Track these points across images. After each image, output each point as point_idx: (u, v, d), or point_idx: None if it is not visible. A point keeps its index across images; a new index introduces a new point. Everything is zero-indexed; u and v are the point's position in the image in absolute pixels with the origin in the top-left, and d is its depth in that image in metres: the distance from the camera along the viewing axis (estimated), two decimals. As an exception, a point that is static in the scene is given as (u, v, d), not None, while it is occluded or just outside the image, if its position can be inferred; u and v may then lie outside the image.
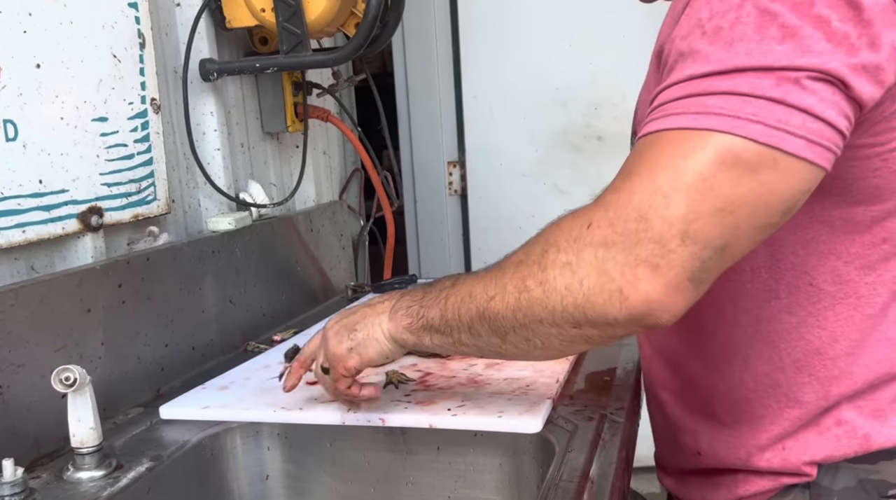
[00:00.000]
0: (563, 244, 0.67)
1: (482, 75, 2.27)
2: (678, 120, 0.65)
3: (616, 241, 0.64)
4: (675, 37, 0.68)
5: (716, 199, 0.63)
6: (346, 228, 1.87)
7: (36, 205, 1.02)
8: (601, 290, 0.65)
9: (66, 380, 0.84)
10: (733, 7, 0.64)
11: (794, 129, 0.62)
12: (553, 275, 0.67)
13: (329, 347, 0.88)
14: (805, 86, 0.62)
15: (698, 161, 0.63)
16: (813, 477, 0.80)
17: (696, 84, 0.65)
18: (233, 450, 1.01)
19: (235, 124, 1.51)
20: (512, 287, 0.70)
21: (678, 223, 0.63)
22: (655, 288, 0.63)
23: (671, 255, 0.63)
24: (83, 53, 1.10)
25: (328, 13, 1.35)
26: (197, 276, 1.26)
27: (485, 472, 0.96)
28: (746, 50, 0.63)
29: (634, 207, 0.64)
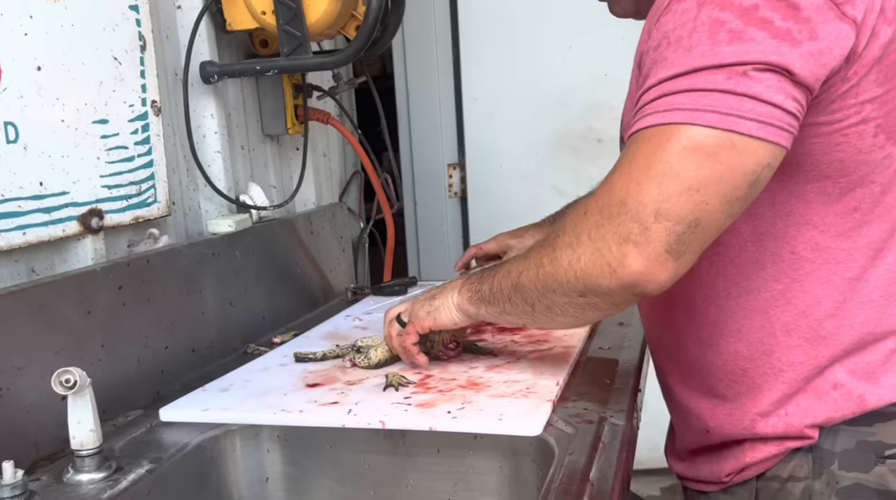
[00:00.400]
0: (567, 228, 0.83)
1: (482, 78, 2.28)
2: (650, 119, 0.77)
3: (604, 223, 0.79)
4: (648, 48, 0.81)
5: (683, 180, 0.75)
6: (346, 230, 1.88)
7: (36, 207, 1.02)
8: (594, 264, 0.80)
9: (66, 382, 0.84)
10: (690, 19, 0.76)
11: (745, 113, 0.73)
12: (559, 253, 0.84)
13: (413, 308, 1.08)
14: (752, 76, 0.73)
15: (665, 151, 0.75)
16: (815, 440, 0.87)
17: (664, 86, 0.77)
18: (233, 452, 1.01)
19: (236, 127, 1.51)
20: (533, 264, 0.88)
21: (651, 204, 0.76)
22: (638, 261, 0.77)
23: (648, 232, 0.76)
24: (84, 56, 1.11)
25: (329, 16, 1.35)
26: (197, 278, 1.26)
27: (484, 474, 0.96)
28: (701, 53, 0.75)
29: (616, 194, 0.78)
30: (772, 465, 0.89)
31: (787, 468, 0.88)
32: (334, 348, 1.24)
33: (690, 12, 0.76)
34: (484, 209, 2.33)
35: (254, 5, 1.36)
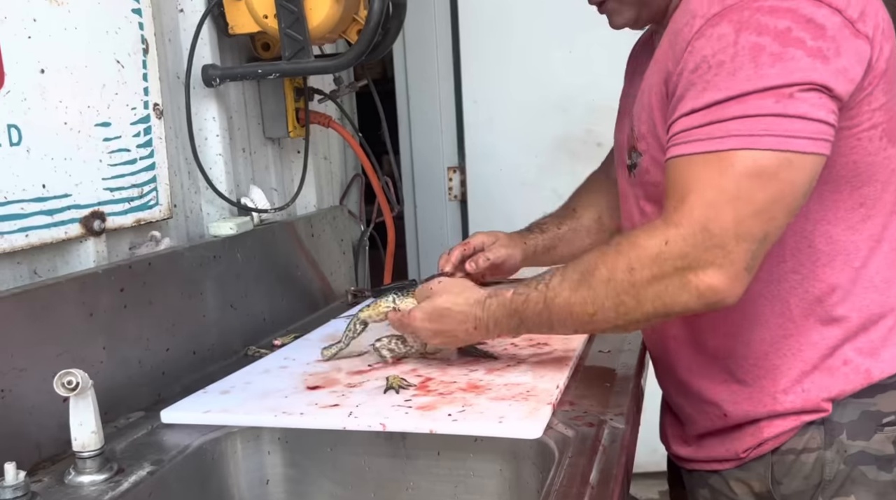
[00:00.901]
0: (647, 261, 0.86)
1: (482, 82, 2.28)
2: (706, 145, 0.83)
3: (689, 252, 0.84)
4: (683, 69, 0.86)
5: (753, 203, 0.82)
6: (346, 233, 1.88)
7: (39, 209, 1.03)
8: (682, 290, 0.85)
9: (68, 384, 0.84)
10: (730, 44, 0.82)
11: (797, 132, 0.81)
12: (643, 289, 0.87)
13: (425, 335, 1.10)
14: (798, 97, 0.81)
15: (732, 176, 0.82)
16: (829, 412, 0.94)
17: (713, 112, 0.83)
18: (233, 454, 1.02)
19: (237, 129, 1.52)
20: (610, 304, 0.90)
21: (731, 228, 0.82)
22: (723, 282, 0.84)
23: (731, 254, 0.83)
24: (87, 59, 1.11)
25: (330, 20, 1.36)
26: (198, 280, 1.27)
27: (485, 477, 0.96)
28: (746, 76, 0.81)
29: (697, 221, 0.83)
30: (787, 439, 0.96)
31: (802, 441, 0.95)
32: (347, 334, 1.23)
33: (728, 38, 0.82)
34: (484, 212, 2.33)
35: (256, 9, 1.36)
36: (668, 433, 1.13)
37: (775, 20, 0.81)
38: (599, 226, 1.28)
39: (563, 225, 1.28)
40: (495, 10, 2.25)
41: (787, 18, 0.81)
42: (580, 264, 0.93)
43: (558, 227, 1.27)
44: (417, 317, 1.07)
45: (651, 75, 0.95)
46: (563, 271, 0.96)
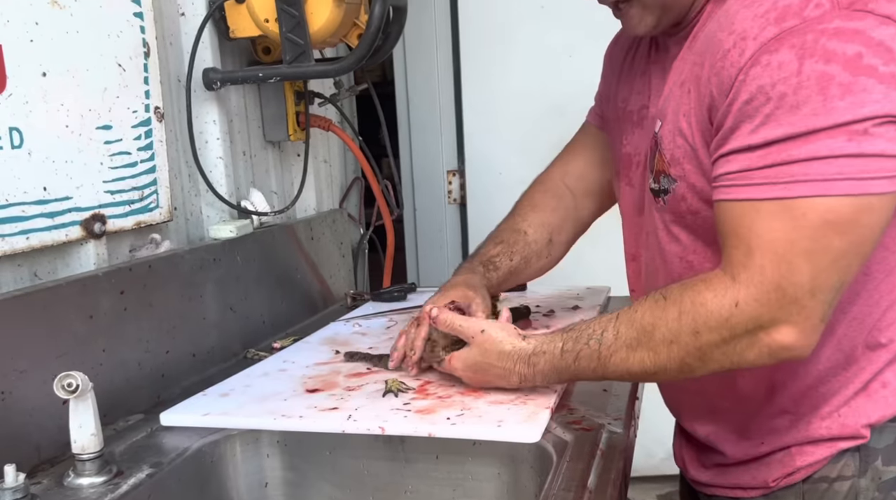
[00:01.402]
0: (714, 325, 0.80)
1: (482, 85, 2.29)
2: (770, 190, 0.76)
3: (763, 313, 0.78)
4: (735, 100, 0.77)
5: (830, 253, 0.76)
6: (346, 236, 1.88)
7: (40, 212, 1.03)
8: (752, 350, 0.80)
9: (68, 386, 0.84)
10: (793, 73, 0.74)
11: (875, 173, 0.74)
12: (710, 351, 0.82)
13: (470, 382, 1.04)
14: (872, 133, 0.73)
15: (806, 228, 0.75)
16: (867, 439, 0.89)
17: (776, 152, 0.75)
18: (233, 457, 1.02)
19: (238, 133, 1.52)
20: (674, 366, 0.85)
21: (806, 283, 0.76)
22: (797, 338, 0.78)
23: (807, 310, 0.77)
24: (88, 62, 1.12)
25: (331, 24, 1.36)
26: (198, 283, 1.27)
27: (483, 481, 0.96)
28: (813, 111, 0.73)
29: (770, 280, 0.77)
30: (820, 467, 0.91)
31: (836, 469, 0.90)
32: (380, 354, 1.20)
33: (790, 66, 0.73)
34: (483, 216, 2.33)
35: (257, 13, 1.37)
36: (684, 457, 1.08)
37: (843, 45, 0.72)
38: (550, 248, 1.23)
39: (515, 256, 1.21)
40: (495, 14, 2.26)
41: (856, 42, 0.72)
42: (635, 320, 0.86)
43: (510, 259, 1.20)
44: (458, 367, 1.02)
45: (681, 95, 0.87)
46: (615, 323, 0.88)
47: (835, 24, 0.73)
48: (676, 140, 0.87)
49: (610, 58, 1.16)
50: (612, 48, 1.16)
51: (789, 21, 0.74)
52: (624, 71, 1.09)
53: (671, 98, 0.90)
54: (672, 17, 0.92)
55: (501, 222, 1.27)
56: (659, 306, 0.84)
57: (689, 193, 0.88)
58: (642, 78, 1.03)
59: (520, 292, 1.58)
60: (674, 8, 0.91)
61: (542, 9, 2.23)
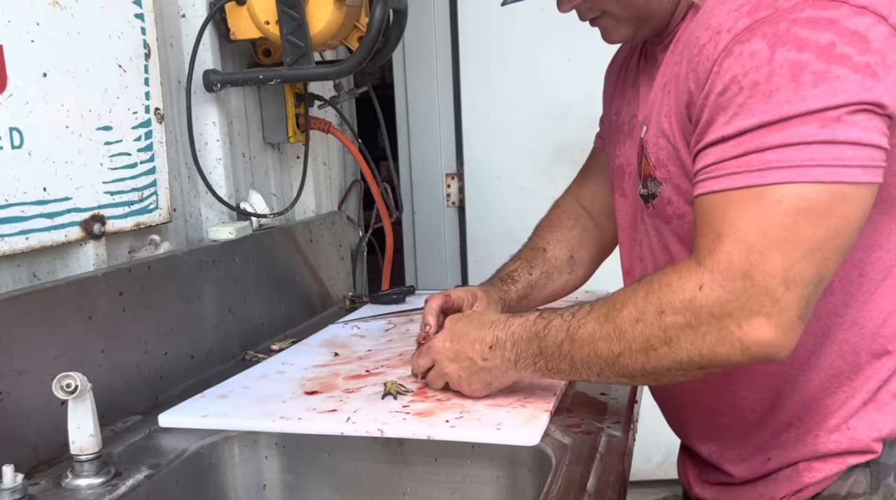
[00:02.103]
0: (679, 306, 0.77)
1: (481, 89, 2.29)
2: (743, 178, 0.74)
3: (729, 299, 0.74)
4: (710, 92, 0.76)
5: (803, 243, 0.72)
6: (344, 238, 1.88)
7: (39, 212, 1.03)
8: (722, 342, 0.75)
9: (67, 387, 0.84)
10: (764, 62, 0.72)
11: (849, 161, 0.71)
12: (675, 334, 0.78)
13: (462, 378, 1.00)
14: (846, 121, 0.71)
15: (778, 214, 0.72)
16: (878, 454, 0.86)
17: (748, 140, 0.73)
18: (231, 459, 1.02)
19: (237, 135, 1.52)
20: (638, 346, 0.81)
21: (778, 274, 0.72)
22: (772, 333, 0.73)
23: (780, 303, 0.73)
24: (89, 63, 1.12)
25: (332, 27, 1.37)
26: (197, 285, 1.27)
27: (482, 484, 0.96)
28: (786, 99, 0.71)
29: (737, 267, 0.73)
30: (829, 483, 0.87)
31: (846, 486, 0.87)
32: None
33: (762, 54, 0.72)
34: (481, 219, 2.34)
35: (258, 15, 1.37)
36: (687, 474, 1.06)
37: (816, 33, 0.71)
38: (572, 264, 1.22)
39: (535, 270, 1.19)
40: (495, 18, 2.26)
41: (829, 31, 0.71)
42: (609, 299, 0.85)
43: (529, 273, 1.19)
44: (440, 336, 1.02)
45: (663, 97, 0.86)
46: (592, 303, 0.87)
47: (807, 13, 0.72)
48: (660, 142, 0.86)
49: (607, 79, 1.16)
50: (609, 69, 1.16)
51: (762, 12, 0.74)
52: (618, 86, 1.09)
53: (655, 102, 0.89)
54: (651, 27, 0.92)
55: (520, 248, 1.26)
56: (631, 288, 0.83)
57: (674, 194, 0.87)
58: (632, 89, 1.02)
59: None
60: (649, 20, 0.90)
61: (541, 12, 2.20)
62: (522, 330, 0.92)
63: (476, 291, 1.15)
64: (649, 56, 0.99)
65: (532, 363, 0.92)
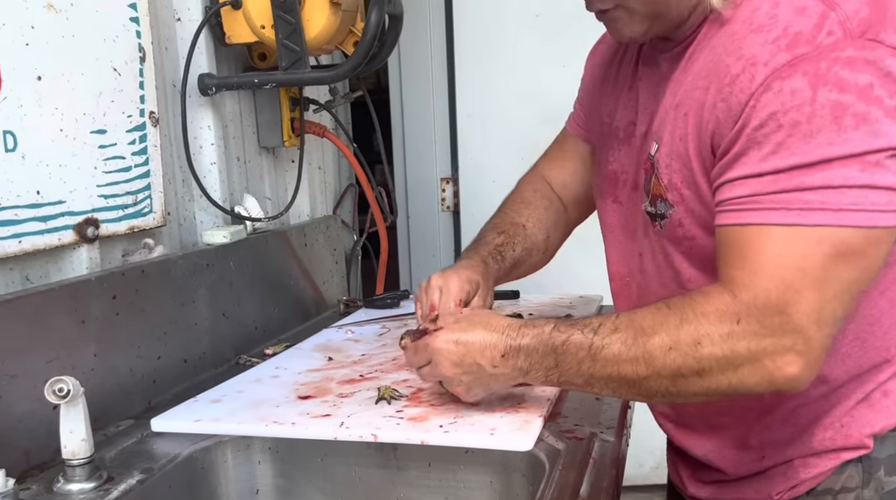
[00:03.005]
0: (716, 338, 0.78)
1: (476, 94, 2.30)
2: (783, 215, 0.75)
3: (765, 336, 0.76)
4: (744, 126, 0.77)
5: (837, 284, 0.75)
6: (339, 242, 1.88)
7: (33, 215, 1.03)
8: (754, 374, 0.78)
9: (59, 391, 0.84)
10: (807, 101, 0.73)
11: (885, 206, 0.74)
12: (710, 365, 0.79)
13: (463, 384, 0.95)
14: (886, 165, 0.73)
15: (818, 256, 0.74)
16: (871, 449, 0.88)
17: (787, 178, 0.75)
18: (224, 464, 1.02)
19: (232, 138, 1.52)
20: (667, 373, 0.81)
21: (813, 313, 0.75)
22: (800, 369, 0.77)
23: (811, 341, 0.76)
24: (84, 66, 1.11)
25: (327, 31, 1.37)
26: (191, 289, 1.27)
27: (475, 489, 0.96)
28: (828, 140, 0.73)
29: (774, 304, 0.75)
30: (824, 478, 0.90)
31: (840, 480, 0.89)
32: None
33: (803, 93, 0.73)
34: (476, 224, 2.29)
35: (253, 19, 1.37)
36: (681, 474, 1.07)
37: (856, 74, 0.72)
38: (546, 245, 1.20)
39: (517, 247, 1.17)
40: (490, 23, 2.27)
41: (868, 72, 0.72)
42: (635, 320, 0.82)
43: (514, 250, 1.16)
44: (441, 337, 0.93)
45: (677, 118, 0.85)
46: (614, 320, 0.84)
47: (847, 52, 0.73)
48: (673, 164, 0.86)
49: (591, 66, 1.13)
50: (592, 57, 1.14)
51: (801, 47, 0.74)
52: (608, 83, 1.06)
53: (667, 121, 0.88)
54: (662, 28, 0.89)
55: (495, 218, 1.22)
56: (661, 313, 0.82)
57: (686, 218, 0.87)
58: (629, 93, 1.00)
59: (512, 299, 1.58)
60: (664, 18, 0.87)
61: (536, 18, 2.24)
62: (538, 342, 0.88)
63: (477, 279, 1.08)
64: (649, 60, 0.97)
65: (544, 375, 0.89)
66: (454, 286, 1.06)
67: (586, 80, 1.16)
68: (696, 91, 0.83)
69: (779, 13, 0.77)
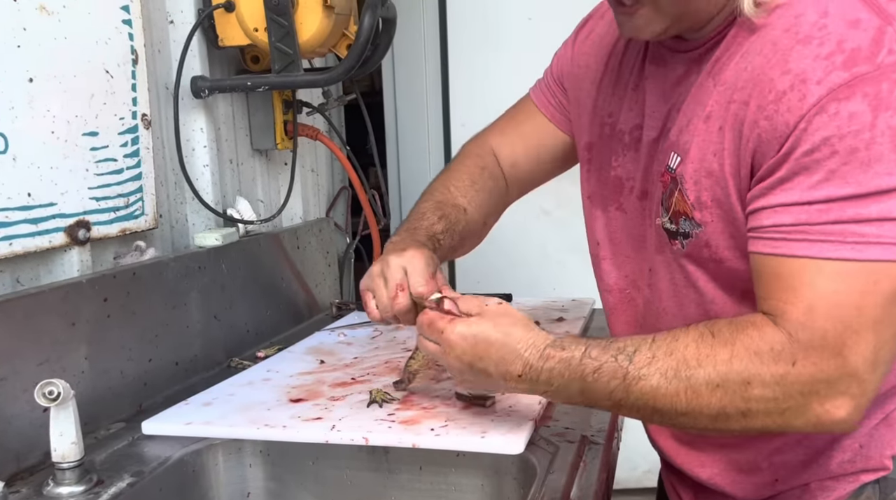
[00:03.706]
0: (769, 380, 0.73)
1: (470, 97, 2.30)
2: (836, 248, 0.70)
3: (821, 379, 0.72)
4: (793, 149, 0.71)
5: (894, 324, 0.71)
6: (332, 245, 1.88)
7: (24, 218, 1.02)
8: (800, 416, 0.73)
9: (49, 394, 0.84)
10: (866, 127, 0.68)
11: None
12: (757, 407, 0.74)
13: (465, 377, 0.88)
14: None
15: (877, 295, 0.70)
16: (890, 470, 0.85)
17: (840, 208, 0.70)
18: (215, 467, 1.01)
19: (225, 141, 1.52)
20: (710, 412, 0.75)
21: (869, 356, 0.71)
22: (850, 413, 0.72)
23: (865, 385, 0.72)
24: (76, 68, 1.11)
25: (321, 34, 1.37)
26: (182, 291, 1.26)
27: (466, 492, 0.96)
28: (887, 170, 0.68)
29: (832, 346, 0.71)
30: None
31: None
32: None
33: (862, 118, 0.68)
34: (469, 227, 2.34)
35: (246, 22, 1.37)
36: (681, 496, 1.02)
37: None
38: (482, 230, 1.13)
39: (456, 235, 1.07)
40: (484, 26, 2.27)
41: None
42: (677, 350, 0.75)
43: (452, 237, 1.07)
44: (458, 329, 0.84)
45: (709, 131, 0.79)
46: (651, 346, 0.76)
47: None
48: (703, 181, 0.80)
49: (580, 50, 1.04)
50: (581, 39, 1.04)
51: (861, 66, 0.68)
52: (608, 78, 0.98)
53: (695, 132, 0.81)
54: (682, 28, 0.82)
55: (436, 191, 1.12)
56: (706, 343, 0.74)
57: (715, 239, 0.81)
58: (634, 93, 0.93)
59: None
60: (689, 19, 0.80)
61: (529, 21, 2.25)
62: (565, 368, 0.79)
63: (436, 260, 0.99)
64: (657, 59, 0.89)
65: (565, 399, 0.83)
66: (419, 264, 0.94)
67: (571, 59, 1.05)
68: (733, 104, 0.76)
69: (829, 24, 0.71)
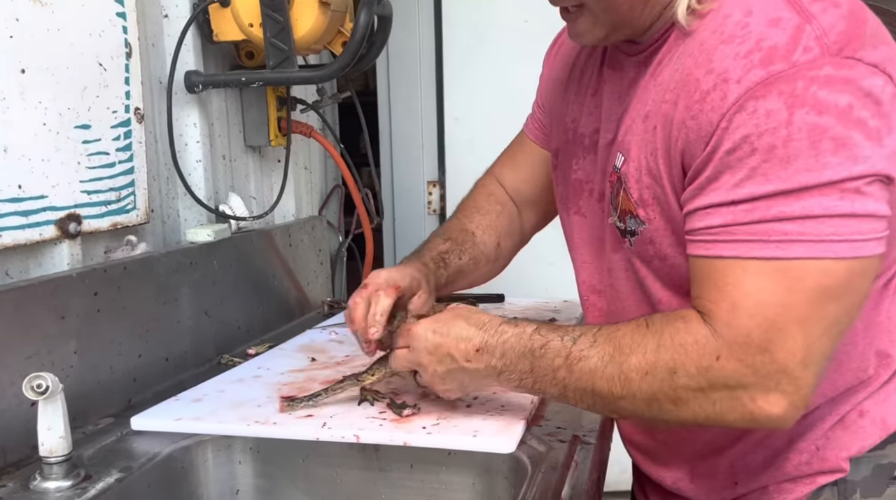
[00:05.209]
0: (693, 371, 0.74)
1: (464, 97, 2.30)
2: (760, 248, 0.71)
3: (746, 374, 0.72)
4: (717, 148, 0.72)
5: (824, 319, 0.71)
6: (324, 243, 1.88)
7: (14, 210, 1.01)
8: (732, 411, 0.74)
9: (37, 387, 0.83)
10: (782, 124, 0.68)
11: (867, 234, 0.70)
12: (686, 396, 0.75)
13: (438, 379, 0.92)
14: (865, 192, 0.69)
15: (802, 293, 0.70)
16: (847, 472, 0.86)
17: (764, 207, 0.70)
18: (204, 463, 1.01)
19: (218, 136, 1.51)
20: (642, 397, 0.77)
21: (799, 353, 0.71)
22: (784, 409, 0.73)
23: (798, 381, 0.72)
24: (69, 60, 1.10)
25: (316, 31, 1.37)
26: (173, 287, 1.26)
27: (457, 491, 0.96)
28: (806, 166, 0.68)
29: (756, 343, 0.71)
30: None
31: None
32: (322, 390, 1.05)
33: (779, 116, 0.68)
34: (462, 227, 2.34)
35: (241, 17, 1.37)
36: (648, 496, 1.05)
37: (835, 95, 0.67)
38: (497, 253, 1.16)
39: (464, 255, 1.12)
40: (479, 27, 2.27)
41: (847, 92, 0.68)
42: (615, 337, 0.79)
43: (459, 258, 1.12)
44: (422, 324, 0.92)
45: (645, 131, 0.81)
46: (594, 332, 0.81)
47: (825, 71, 0.68)
48: (644, 180, 0.82)
49: (552, 66, 1.08)
50: (553, 56, 1.08)
51: (777, 64, 0.69)
52: (572, 86, 1.01)
53: (635, 132, 0.83)
54: (623, 35, 0.85)
55: (445, 223, 1.19)
56: (640, 332, 0.78)
57: (657, 236, 0.83)
58: (594, 98, 0.95)
59: (497, 303, 1.58)
60: (625, 27, 0.83)
61: (525, 23, 2.25)
62: (516, 342, 0.85)
63: (419, 278, 1.04)
64: (614, 64, 0.92)
65: (518, 379, 0.86)
66: (384, 274, 1.01)
67: (546, 80, 1.10)
68: (665, 104, 0.78)
69: (751, 23, 0.72)
